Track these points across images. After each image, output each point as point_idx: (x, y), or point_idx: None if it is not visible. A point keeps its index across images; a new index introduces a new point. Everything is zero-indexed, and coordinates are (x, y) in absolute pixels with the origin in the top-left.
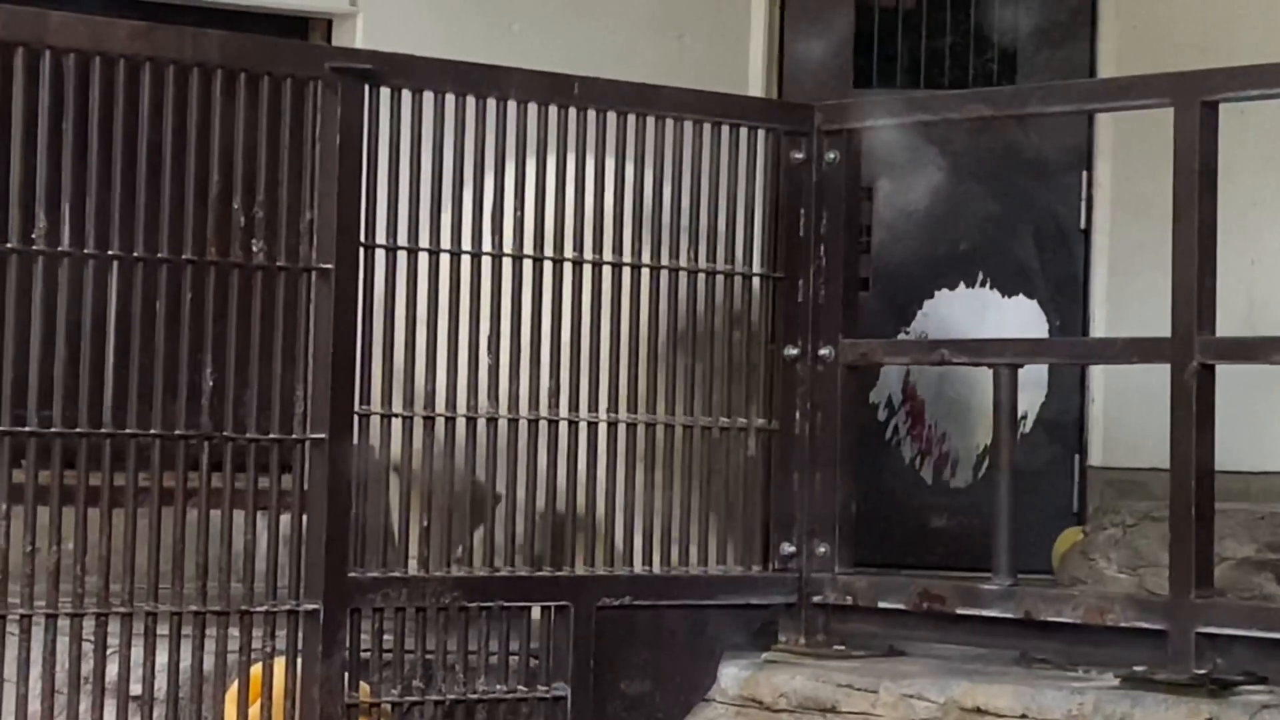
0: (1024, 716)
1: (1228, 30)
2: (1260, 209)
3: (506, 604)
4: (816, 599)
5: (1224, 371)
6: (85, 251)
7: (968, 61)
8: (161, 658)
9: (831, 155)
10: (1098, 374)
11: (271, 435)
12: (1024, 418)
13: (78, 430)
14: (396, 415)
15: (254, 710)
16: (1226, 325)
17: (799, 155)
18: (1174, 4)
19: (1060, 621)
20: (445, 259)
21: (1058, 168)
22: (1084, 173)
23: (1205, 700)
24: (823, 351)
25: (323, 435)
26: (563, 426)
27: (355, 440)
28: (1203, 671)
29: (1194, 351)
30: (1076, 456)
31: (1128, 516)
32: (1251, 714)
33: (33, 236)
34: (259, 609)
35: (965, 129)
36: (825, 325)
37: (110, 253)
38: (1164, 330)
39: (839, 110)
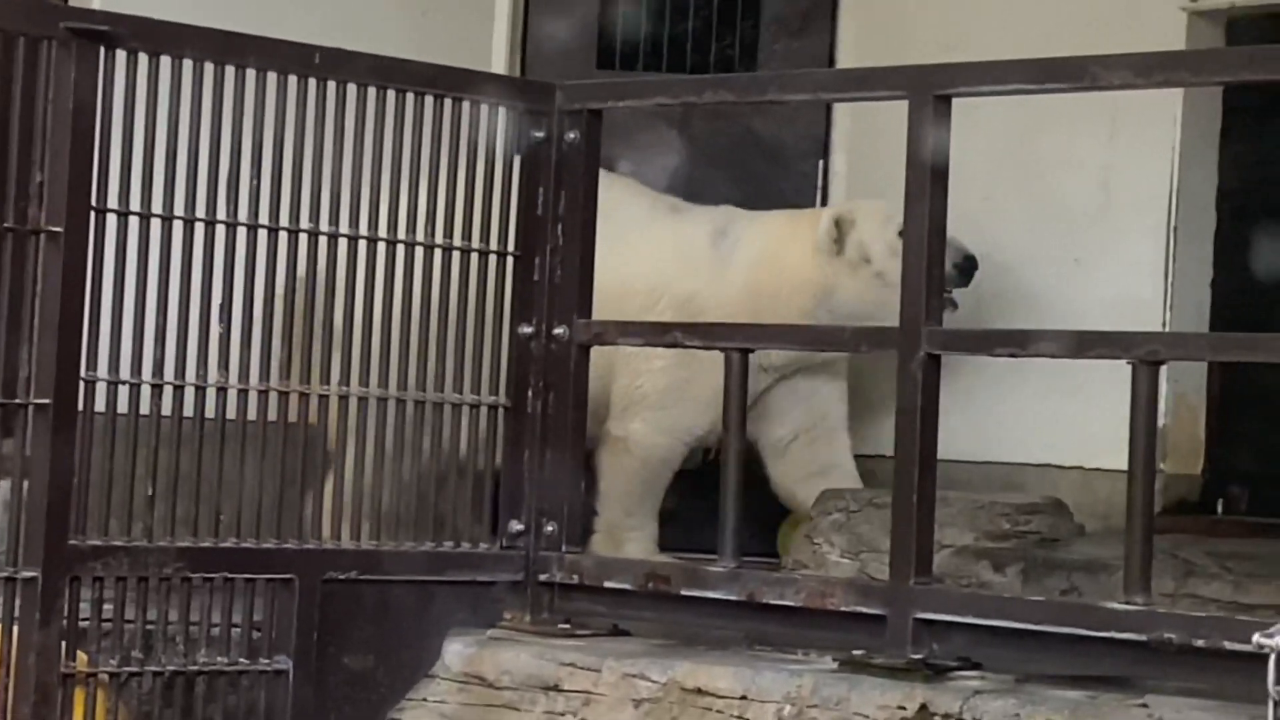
0: (744, 698)
1: (965, 26)
2: (990, 204)
3: (231, 575)
4: (543, 577)
5: (947, 362)
6: None
7: (709, 47)
8: None
9: (572, 135)
10: None
11: None
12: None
13: None
14: (124, 382)
15: None
16: (955, 315)
17: (539, 134)
18: None
19: (783, 604)
20: (179, 226)
21: (795, 155)
22: (820, 161)
23: (920, 684)
24: (557, 330)
25: (47, 400)
26: (293, 398)
27: (80, 407)
28: (919, 656)
29: (921, 342)
30: None
31: (852, 502)
32: (965, 698)
33: None
34: None
35: (706, 114)
36: (560, 304)
37: None
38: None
39: (581, 90)
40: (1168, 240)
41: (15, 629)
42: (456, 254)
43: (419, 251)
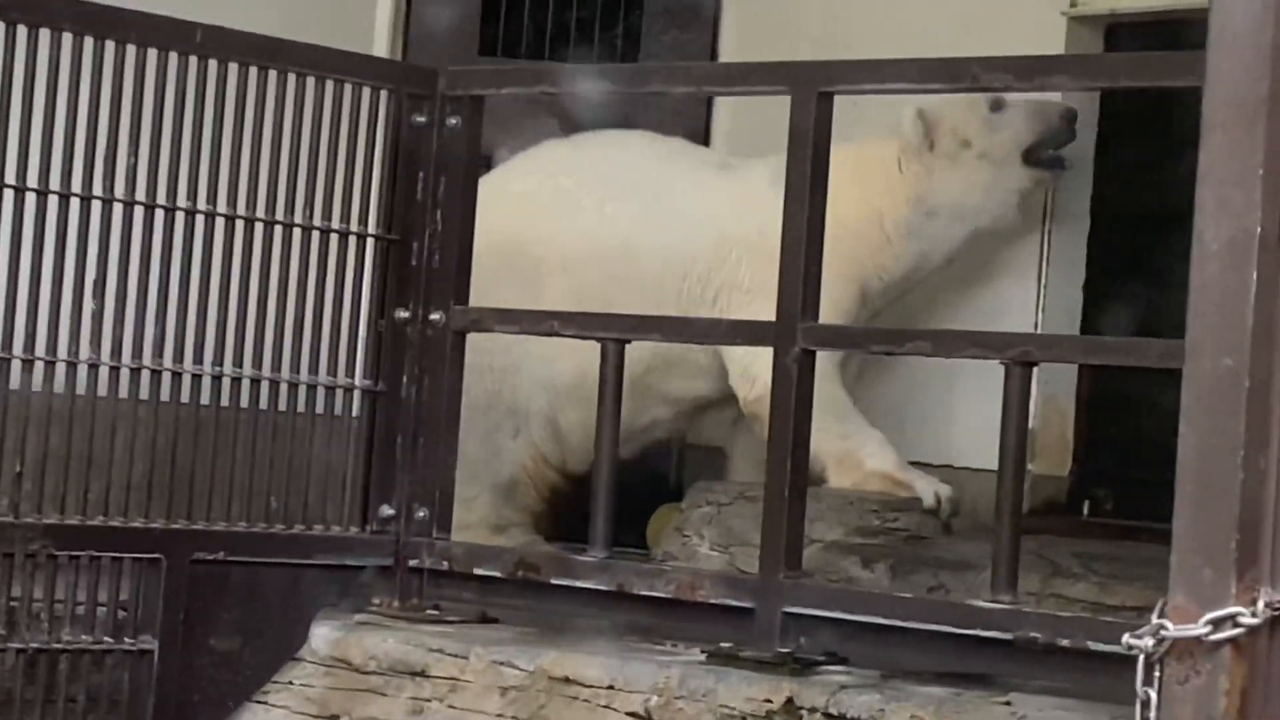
0: (611, 687)
1: (846, 24)
2: None
3: (97, 554)
4: (413, 563)
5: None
6: None
7: (593, 37)
8: None
9: (454, 121)
10: None
11: None
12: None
13: None
14: None
15: None
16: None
17: (421, 119)
18: None
19: (653, 596)
20: (54, 200)
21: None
22: None
23: (787, 678)
24: (434, 316)
25: None
26: (165, 377)
27: None
28: (787, 650)
29: (797, 337)
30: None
31: (723, 495)
32: (831, 693)
33: None
34: None
35: (588, 104)
36: (437, 290)
37: None
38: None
39: (464, 76)
40: (1042, 243)
41: None
42: (334, 237)
43: (296, 233)
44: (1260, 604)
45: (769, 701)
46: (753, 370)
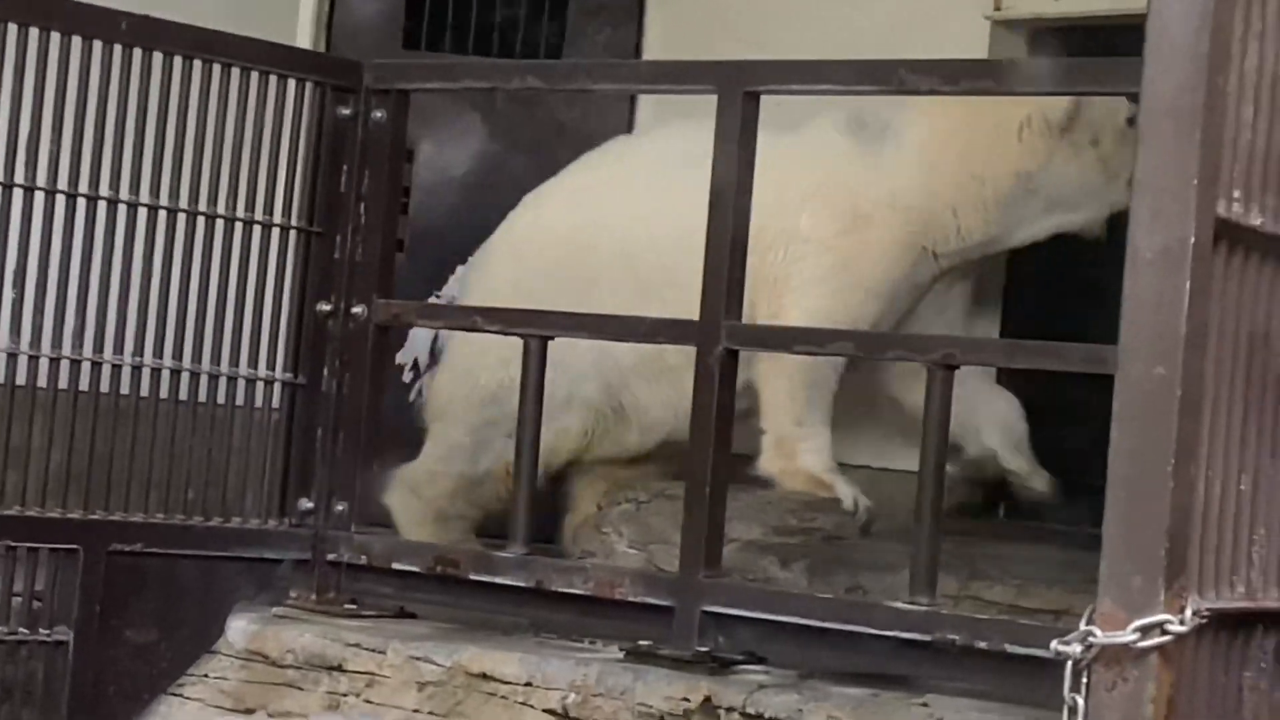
0: (529, 684)
1: (771, 24)
2: None
3: (13, 544)
4: (331, 557)
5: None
6: None
7: (516, 32)
8: None
9: (379, 114)
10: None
11: None
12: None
13: None
14: None
15: None
16: None
17: (346, 112)
18: None
19: (572, 593)
20: None
21: (598, 144)
22: None
23: (705, 677)
24: (356, 310)
25: None
26: (85, 367)
27: None
28: (705, 649)
29: (720, 336)
30: None
31: (641, 493)
32: (749, 693)
33: None
34: None
35: (513, 100)
36: (360, 284)
37: None
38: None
39: (390, 70)
40: None
41: None
42: (257, 228)
43: (219, 224)
44: (1188, 612)
45: (687, 700)
46: (788, 441)
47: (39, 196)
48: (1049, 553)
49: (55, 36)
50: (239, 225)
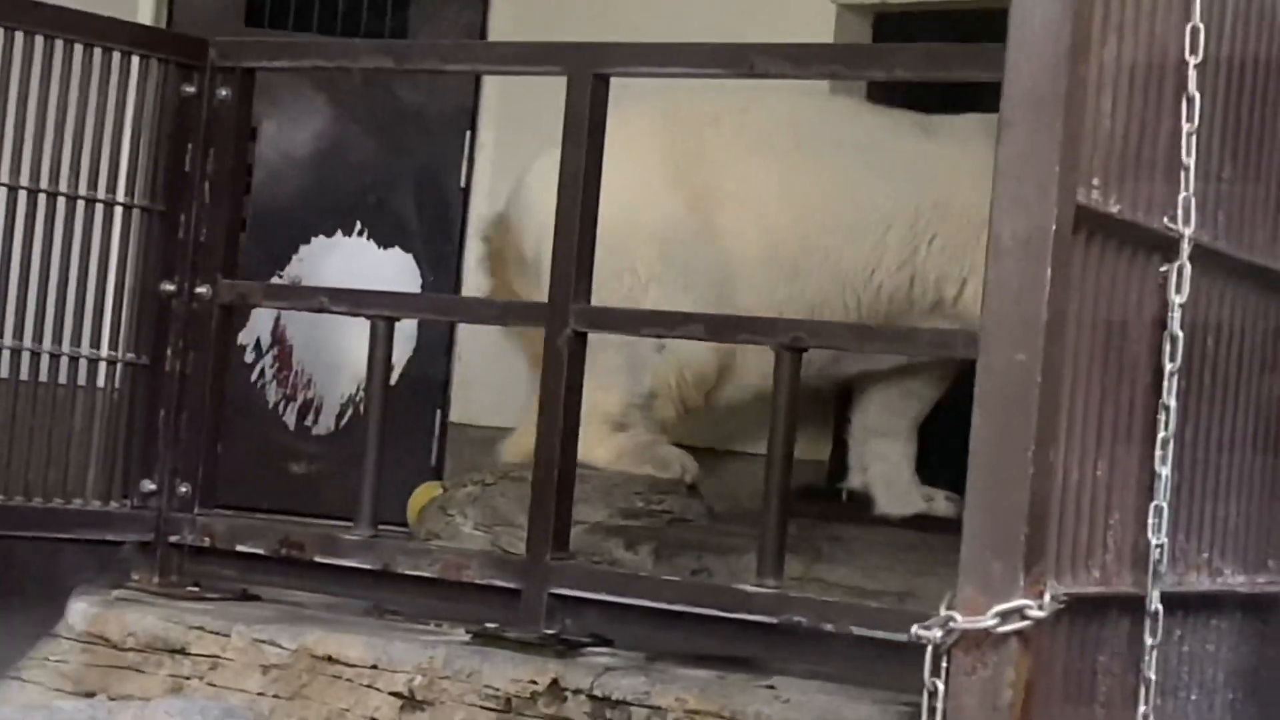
0: (375, 667)
1: (618, 6)
2: None
3: None
4: (174, 539)
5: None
6: None
7: (361, 12)
8: None
9: (224, 92)
10: (464, 333)
11: None
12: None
13: None
14: None
15: None
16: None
17: (190, 89)
18: None
19: (418, 575)
20: None
21: (443, 126)
22: (468, 133)
23: (553, 659)
24: (200, 290)
25: None
26: None
27: None
28: (552, 632)
29: (569, 319)
30: (439, 412)
31: (487, 475)
32: (596, 675)
33: None
34: None
35: (357, 80)
36: (204, 264)
37: None
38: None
39: (235, 48)
40: None
41: None
42: (99, 207)
43: (60, 202)
44: (1047, 597)
45: (534, 683)
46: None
47: None
48: (892, 535)
49: None
50: (81, 203)
